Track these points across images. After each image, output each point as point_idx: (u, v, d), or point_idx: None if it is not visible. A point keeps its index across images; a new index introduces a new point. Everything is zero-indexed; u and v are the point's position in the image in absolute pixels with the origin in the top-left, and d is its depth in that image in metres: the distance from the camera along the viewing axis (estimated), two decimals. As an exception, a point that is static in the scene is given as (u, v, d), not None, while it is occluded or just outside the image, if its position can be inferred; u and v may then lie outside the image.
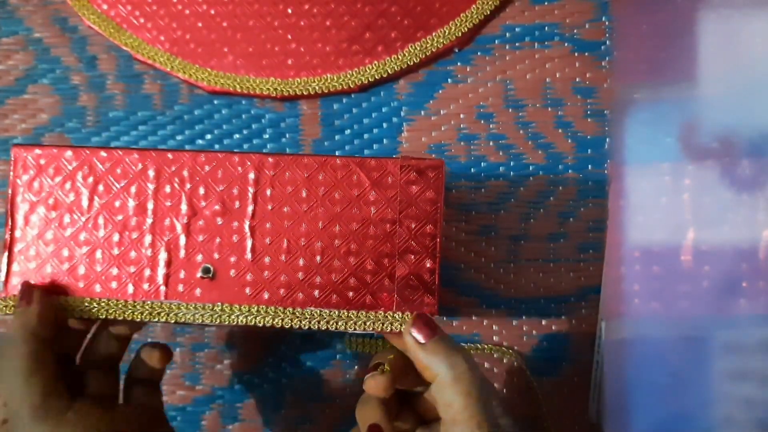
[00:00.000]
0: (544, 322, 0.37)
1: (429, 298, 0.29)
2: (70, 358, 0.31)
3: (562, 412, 0.36)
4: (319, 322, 0.29)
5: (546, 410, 0.36)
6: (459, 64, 0.38)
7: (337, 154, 0.38)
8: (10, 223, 0.30)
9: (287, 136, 0.38)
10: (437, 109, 0.38)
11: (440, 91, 0.38)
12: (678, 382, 0.29)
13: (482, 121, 0.38)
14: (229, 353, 0.38)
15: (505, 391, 0.37)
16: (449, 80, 0.38)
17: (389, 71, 0.37)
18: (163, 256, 0.30)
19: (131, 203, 0.30)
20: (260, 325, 0.29)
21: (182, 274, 0.29)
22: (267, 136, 0.38)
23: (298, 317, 0.29)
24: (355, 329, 0.29)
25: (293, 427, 0.37)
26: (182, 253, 0.30)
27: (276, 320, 0.29)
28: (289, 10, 0.37)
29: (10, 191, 0.30)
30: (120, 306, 0.29)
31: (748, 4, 0.26)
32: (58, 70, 0.38)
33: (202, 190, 0.30)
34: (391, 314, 0.29)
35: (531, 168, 0.37)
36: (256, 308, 0.29)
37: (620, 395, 0.33)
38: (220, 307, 0.29)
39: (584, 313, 0.37)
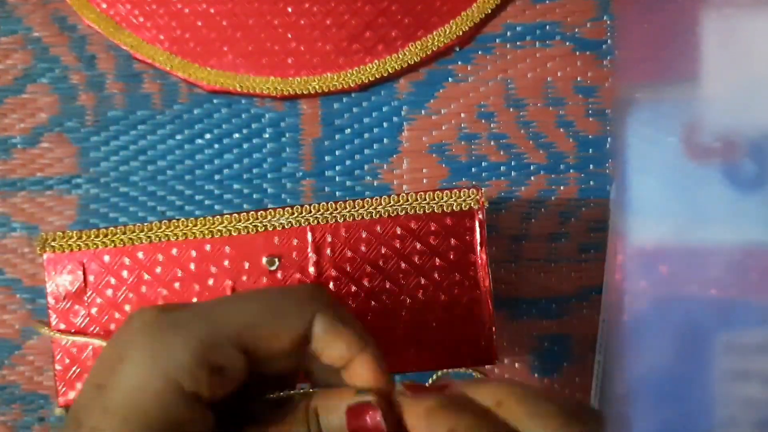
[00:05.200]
0: (545, 323, 0.37)
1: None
2: None
3: (563, 413, 0.36)
4: None
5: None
6: (460, 63, 0.38)
7: (337, 154, 0.38)
8: None
9: (287, 135, 0.38)
10: (438, 108, 0.38)
11: (441, 90, 0.38)
12: (680, 383, 0.28)
13: (483, 121, 0.37)
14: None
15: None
16: (450, 79, 0.38)
17: (390, 70, 0.37)
18: None
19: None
20: None
21: None
22: (267, 135, 0.38)
23: None
24: None
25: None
26: None
27: None
28: (289, 9, 0.37)
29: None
30: None
31: (751, 4, 0.26)
32: (57, 70, 0.38)
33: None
34: None
35: (532, 167, 0.37)
36: None
37: (622, 396, 0.33)
38: None
39: (585, 313, 0.37)
